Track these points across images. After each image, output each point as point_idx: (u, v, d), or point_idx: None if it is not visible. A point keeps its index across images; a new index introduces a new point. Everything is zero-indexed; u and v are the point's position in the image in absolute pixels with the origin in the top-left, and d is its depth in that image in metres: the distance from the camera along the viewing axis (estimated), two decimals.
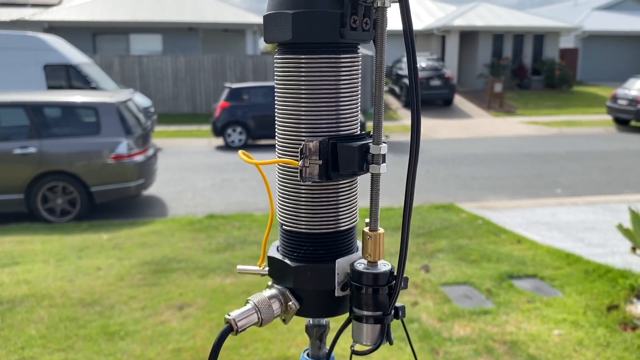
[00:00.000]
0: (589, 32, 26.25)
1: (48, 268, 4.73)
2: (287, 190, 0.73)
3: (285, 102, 0.70)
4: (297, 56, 0.68)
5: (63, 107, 7.23)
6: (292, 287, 0.73)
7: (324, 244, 0.73)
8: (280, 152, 0.72)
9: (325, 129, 0.69)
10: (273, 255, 0.76)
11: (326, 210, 0.72)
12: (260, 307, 0.71)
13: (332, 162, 0.68)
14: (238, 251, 5.13)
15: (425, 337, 3.41)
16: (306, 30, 0.66)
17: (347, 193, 0.73)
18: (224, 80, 18.45)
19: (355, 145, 0.68)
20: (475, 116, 18.56)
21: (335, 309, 0.74)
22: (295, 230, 0.73)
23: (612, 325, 3.55)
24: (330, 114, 0.69)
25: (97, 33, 20.44)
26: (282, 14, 0.66)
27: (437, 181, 9.11)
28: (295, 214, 0.73)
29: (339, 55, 0.68)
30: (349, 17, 0.66)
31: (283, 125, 0.71)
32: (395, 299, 0.71)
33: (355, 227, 0.77)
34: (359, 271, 0.71)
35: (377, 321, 0.71)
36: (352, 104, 0.71)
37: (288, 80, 0.69)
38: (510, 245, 5.28)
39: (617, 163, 10.59)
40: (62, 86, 11.55)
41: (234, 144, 12.85)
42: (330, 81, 0.68)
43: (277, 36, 0.68)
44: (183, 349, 3.25)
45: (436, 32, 24.13)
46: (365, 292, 0.70)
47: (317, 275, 0.72)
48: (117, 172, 6.87)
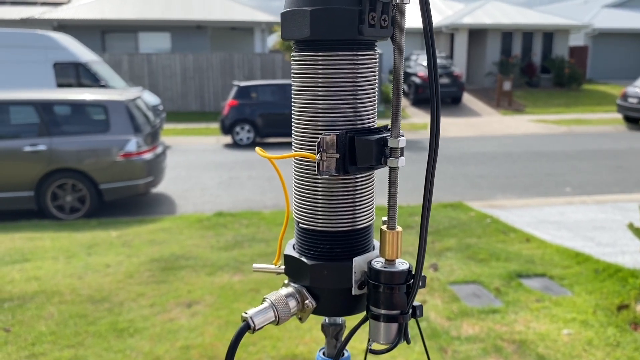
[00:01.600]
0: (599, 30, 26.07)
1: (58, 265, 4.76)
2: (304, 186, 0.73)
3: (302, 97, 0.70)
4: (314, 53, 0.68)
5: (72, 105, 7.27)
6: (308, 286, 0.73)
7: (340, 242, 0.72)
8: (297, 147, 0.72)
9: (343, 123, 0.69)
10: (289, 253, 0.76)
11: (343, 207, 0.72)
12: (277, 306, 0.70)
13: (349, 155, 0.67)
14: (246, 249, 5.14)
15: (434, 336, 3.40)
16: (324, 28, 0.65)
17: (364, 189, 0.73)
18: (232, 78, 18.49)
19: (373, 139, 0.67)
20: (484, 114, 18.48)
21: (352, 308, 0.74)
22: (311, 229, 0.73)
23: (622, 325, 3.53)
24: (348, 109, 0.69)
25: (106, 31, 20.53)
26: (299, 11, 0.66)
27: (445, 180, 9.08)
28: (312, 212, 0.72)
29: (357, 53, 0.68)
30: (367, 13, 0.66)
31: (300, 120, 0.71)
32: (414, 298, 0.71)
33: (372, 225, 0.76)
34: (377, 269, 0.71)
35: (394, 320, 0.70)
36: (369, 98, 0.71)
37: (305, 76, 0.69)
38: (519, 244, 5.26)
39: (627, 162, 10.51)
40: (72, 84, 11.62)
41: (242, 142, 12.87)
42: (348, 78, 0.68)
43: (295, 33, 0.67)
44: (191, 346, 3.26)
45: (445, 30, 24.03)
46: (382, 290, 0.70)
47: (334, 273, 0.72)
48: (126, 170, 6.90)
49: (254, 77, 18.62)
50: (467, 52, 23.76)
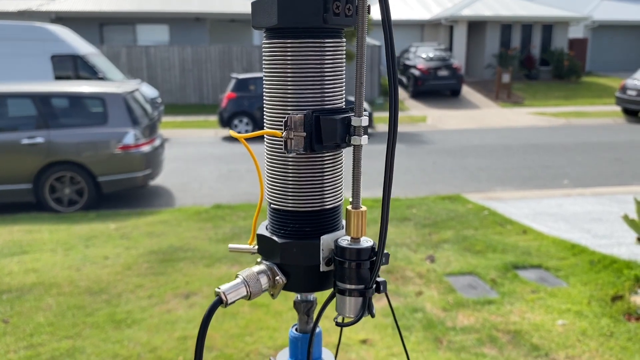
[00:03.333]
0: (598, 22, 26.00)
1: (56, 257, 4.78)
2: (275, 168, 0.76)
3: (273, 81, 0.74)
4: (283, 41, 0.71)
5: (70, 98, 7.27)
6: (279, 263, 0.76)
7: (309, 221, 0.76)
8: (268, 127, 0.76)
9: (311, 104, 0.72)
10: (262, 233, 0.80)
11: (312, 187, 0.75)
12: (248, 281, 0.74)
13: (315, 134, 0.71)
14: (244, 241, 5.15)
15: (430, 327, 3.42)
16: (291, 16, 0.69)
17: (331, 170, 0.76)
18: (231, 70, 18.45)
19: (337, 118, 0.71)
20: (483, 107, 18.47)
21: (320, 284, 0.78)
22: (282, 209, 0.77)
23: (616, 316, 3.55)
24: (315, 91, 0.72)
25: (104, 23, 20.46)
26: (268, 1, 0.70)
27: (444, 172, 9.10)
28: (283, 193, 0.76)
29: (323, 40, 0.71)
30: (332, 3, 0.69)
31: (271, 102, 0.75)
32: (376, 273, 0.74)
33: (340, 205, 0.80)
34: (342, 247, 0.74)
35: (359, 294, 0.73)
36: (336, 81, 0.74)
37: (275, 62, 0.72)
38: (516, 236, 5.28)
39: (626, 154, 10.53)
40: (70, 77, 11.59)
41: (241, 134, 12.86)
42: (315, 63, 0.72)
43: (264, 21, 0.71)
44: (189, 337, 3.28)
45: (444, 22, 23.97)
46: (348, 266, 0.73)
47: (303, 251, 0.75)
48: (125, 163, 6.91)
49: (252, 70, 18.59)
50: (466, 44, 23.71)
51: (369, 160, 0.71)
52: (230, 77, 14.19)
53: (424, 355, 3.09)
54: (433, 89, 19.57)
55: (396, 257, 4.63)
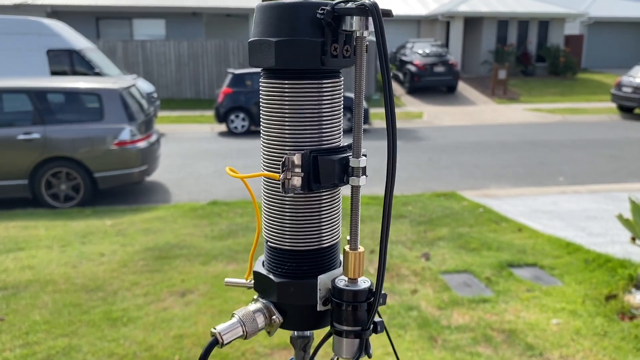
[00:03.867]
0: (594, 19, 26.01)
1: (52, 254, 4.78)
2: (272, 206, 0.76)
3: (270, 120, 0.73)
4: (281, 81, 0.71)
5: (66, 93, 7.24)
6: (276, 302, 0.76)
7: (307, 260, 0.75)
8: (265, 167, 0.75)
9: (308, 144, 0.72)
10: (258, 270, 0.79)
11: (309, 227, 0.74)
12: (244, 321, 0.74)
13: (313, 174, 0.71)
14: (240, 238, 5.17)
15: (424, 325, 3.44)
16: (289, 58, 0.68)
17: (329, 209, 0.76)
18: (227, 65, 18.41)
19: (336, 158, 0.70)
20: (479, 103, 18.49)
21: (317, 323, 0.77)
22: (279, 247, 0.76)
23: (610, 315, 3.58)
24: (313, 131, 0.72)
25: (101, 18, 20.36)
26: (265, 42, 0.69)
27: (439, 169, 9.12)
28: (280, 231, 0.75)
29: (321, 81, 0.71)
30: (329, 45, 0.68)
31: (268, 141, 0.74)
32: (374, 315, 0.73)
33: (337, 243, 0.79)
34: (340, 288, 0.73)
35: (356, 336, 0.73)
36: (334, 120, 0.74)
37: (273, 101, 0.72)
38: (511, 234, 5.30)
39: (621, 151, 10.57)
40: (65, 71, 11.55)
41: (237, 130, 12.86)
42: (313, 103, 0.71)
43: (261, 62, 0.71)
44: (185, 335, 3.29)
45: (440, 17, 23.95)
46: (345, 308, 0.73)
47: (300, 290, 0.75)
48: (121, 158, 6.90)
49: (248, 65, 18.54)
50: (462, 40, 23.70)
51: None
52: (227, 72, 14.16)
53: (419, 354, 3.11)
54: (429, 85, 19.57)
55: (392, 255, 4.65)
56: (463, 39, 23.72)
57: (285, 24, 0.68)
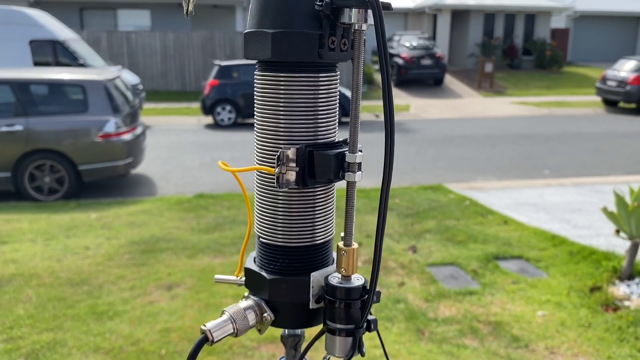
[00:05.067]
0: (580, 12, 26.18)
1: (36, 247, 4.72)
2: (265, 200, 0.74)
3: (264, 113, 0.71)
4: (276, 74, 0.69)
5: (50, 85, 7.15)
6: (267, 299, 0.74)
7: (300, 257, 0.74)
8: (259, 161, 0.73)
9: (303, 138, 0.70)
10: (250, 266, 0.77)
11: (303, 222, 0.73)
12: (235, 319, 0.72)
13: (308, 169, 0.69)
14: (227, 231, 5.15)
15: (412, 318, 3.45)
16: (285, 50, 0.67)
17: (323, 205, 0.74)
18: (214, 57, 18.27)
19: (332, 153, 0.69)
20: (465, 96, 18.55)
21: (310, 320, 0.76)
22: (272, 243, 0.74)
23: (594, 307, 3.61)
24: (309, 125, 0.70)
25: (84, 8, 20.11)
26: (261, 33, 0.68)
27: (426, 162, 9.14)
28: (273, 227, 0.74)
29: (318, 75, 0.69)
30: (327, 38, 0.67)
31: (262, 135, 0.72)
32: (367, 313, 0.72)
33: (331, 240, 0.78)
34: (333, 285, 0.72)
35: (349, 334, 0.72)
36: (330, 115, 0.72)
37: (268, 94, 0.70)
38: (497, 227, 5.33)
39: (605, 145, 10.67)
40: (49, 63, 11.39)
41: (224, 122, 12.78)
42: (309, 97, 0.70)
43: (257, 54, 0.69)
44: (171, 329, 3.27)
45: (428, 10, 23.95)
46: (338, 306, 0.71)
47: (292, 287, 0.73)
48: (105, 151, 6.83)
49: (235, 57, 18.42)
50: (449, 33, 23.73)
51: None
52: (213, 64, 14.06)
53: (406, 346, 3.12)
54: (416, 78, 19.59)
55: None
56: (450, 31, 23.76)
57: (282, 15, 0.67)
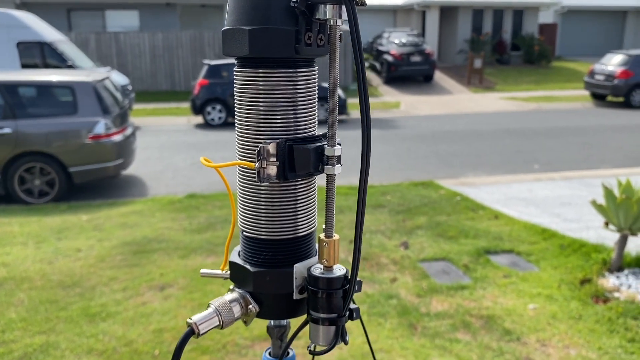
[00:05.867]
0: (567, 7, 26.33)
1: (27, 250, 4.70)
2: (247, 195, 0.76)
3: (245, 109, 0.72)
4: (255, 70, 0.70)
5: (38, 87, 7.11)
6: (252, 291, 0.76)
7: (283, 249, 0.75)
8: (240, 156, 0.75)
9: (283, 132, 0.71)
10: (234, 260, 0.79)
11: (285, 215, 0.74)
12: (221, 311, 0.74)
13: (288, 163, 0.71)
14: (219, 231, 5.14)
15: (404, 313, 3.47)
16: (262, 46, 0.68)
17: (305, 197, 0.75)
18: (203, 56, 18.22)
19: (311, 147, 0.70)
20: (455, 92, 18.61)
21: (294, 311, 0.78)
22: (255, 237, 0.76)
23: (584, 299, 3.65)
24: (288, 120, 0.71)
25: (72, 9, 19.98)
26: (239, 30, 0.68)
27: (417, 158, 9.17)
28: (256, 221, 0.75)
29: (296, 70, 0.70)
30: (303, 34, 0.68)
31: (243, 130, 0.74)
32: (349, 302, 0.74)
33: (313, 232, 0.79)
34: (315, 276, 0.74)
35: (331, 323, 0.74)
36: (309, 109, 0.74)
37: (247, 90, 0.71)
38: (488, 221, 5.37)
39: (594, 139, 10.75)
40: (37, 65, 11.32)
41: (214, 122, 12.76)
42: (288, 92, 0.71)
43: (235, 50, 0.70)
44: (165, 330, 3.27)
45: (416, 7, 24.01)
46: (320, 295, 0.73)
47: (276, 279, 0.75)
48: (96, 152, 6.81)
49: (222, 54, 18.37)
50: (438, 29, 23.80)
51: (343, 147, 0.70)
52: (203, 63, 14.02)
53: (399, 342, 3.14)
54: (406, 75, 19.63)
55: (371, 244, 4.67)
56: (439, 28, 23.82)
57: (258, 12, 0.68)
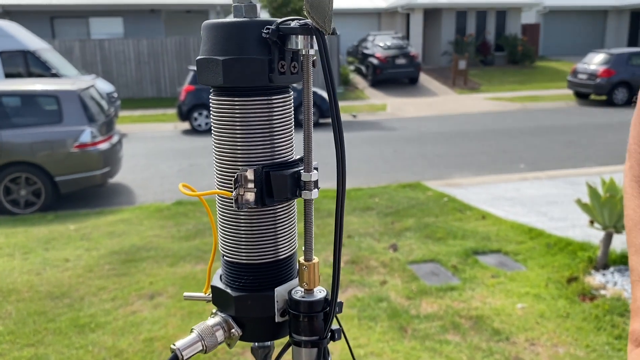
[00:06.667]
0: (549, 7, 26.59)
1: (14, 262, 4.67)
2: (227, 220, 0.76)
3: (221, 137, 0.73)
4: (230, 99, 0.71)
5: (23, 96, 7.05)
6: (234, 315, 0.76)
7: (264, 273, 0.76)
8: (219, 183, 0.75)
9: (261, 159, 0.72)
10: (216, 284, 0.79)
11: (265, 239, 0.75)
12: (204, 336, 0.74)
13: (266, 189, 0.71)
14: (208, 237, 5.14)
15: (394, 316, 3.49)
16: (236, 76, 0.69)
17: (284, 222, 0.76)
18: (188, 62, 18.18)
19: (287, 173, 0.71)
20: (440, 94, 18.72)
21: (276, 333, 0.78)
22: (236, 261, 0.76)
23: (571, 297, 3.69)
24: (265, 146, 0.73)
25: (55, 17, 19.85)
26: (212, 60, 0.69)
27: (404, 160, 9.21)
28: (236, 245, 0.76)
29: (270, 97, 0.72)
30: (276, 62, 0.69)
31: (220, 158, 0.74)
32: (330, 323, 0.75)
33: (294, 254, 0.80)
34: (296, 300, 0.74)
35: (314, 345, 0.75)
36: (285, 134, 0.75)
37: (224, 118, 0.72)
38: (475, 222, 5.41)
39: (578, 137, 10.86)
40: (21, 74, 11.23)
41: (201, 127, 12.73)
42: (264, 119, 0.72)
43: (210, 80, 0.71)
44: (155, 339, 3.26)
45: (400, 10, 24.13)
46: (302, 319, 0.74)
47: (258, 303, 0.75)
48: (82, 161, 6.77)
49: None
50: (422, 32, 23.93)
51: (327, 149, 0.70)
52: (188, 69, 13.98)
53: (390, 344, 3.15)
54: (392, 77, 19.72)
55: (360, 247, 4.69)
56: (423, 30, 23.96)
57: (232, 42, 0.69)
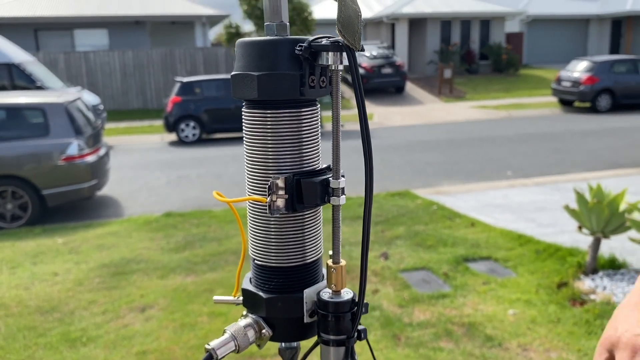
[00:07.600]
0: (532, 16, 26.97)
1: (1, 277, 4.61)
2: (258, 226, 0.80)
3: (253, 147, 0.78)
4: (263, 111, 0.76)
5: (8, 110, 6.99)
6: (265, 316, 0.80)
7: (292, 276, 0.80)
8: (250, 190, 0.79)
9: (290, 167, 0.77)
10: (246, 287, 0.83)
11: (294, 244, 0.79)
12: (236, 336, 0.77)
13: (297, 195, 0.76)
14: (198, 249, 5.11)
15: (387, 324, 3.49)
16: (270, 90, 0.74)
17: (311, 227, 0.81)
18: (174, 74, 18.16)
19: (317, 181, 0.76)
20: (426, 102, 18.85)
21: (305, 334, 0.82)
22: (266, 265, 0.80)
23: (562, 302, 3.72)
24: (294, 155, 0.77)
25: (40, 29, 19.75)
26: (248, 76, 0.74)
27: (392, 168, 9.25)
28: (266, 250, 0.80)
29: (300, 110, 0.77)
30: (307, 77, 0.74)
31: (252, 166, 0.78)
32: (357, 323, 0.79)
33: (320, 258, 0.84)
34: (325, 300, 0.79)
35: (341, 344, 0.78)
36: (313, 145, 0.80)
37: (256, 129, 0.77)
38: (465, 229, 5.44)
39: (563, 143, 10.98)
40: (5, 87, 11.15)
41: (188, 139, 12.70)
42: (293, 130, 0.77)
43: (245, 94, 0.76)
44: (148, 351, 3.23)
45: (385, 20, 24.31)
46: (330, 318, 0.78)
47: (287, 304, 0.79)
48: (69, 174, 6.72)
49: (196, 72, 18.34)
50: (408, 41, 24.13)
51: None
52: (175, 80, 13.97)
53: (383, 353, 3.16)
54: (378, 87, 19.83)
55: (351, 257, 4.69)
56: (408, 40, 24.15)
57: (265, 59, 0.74)
